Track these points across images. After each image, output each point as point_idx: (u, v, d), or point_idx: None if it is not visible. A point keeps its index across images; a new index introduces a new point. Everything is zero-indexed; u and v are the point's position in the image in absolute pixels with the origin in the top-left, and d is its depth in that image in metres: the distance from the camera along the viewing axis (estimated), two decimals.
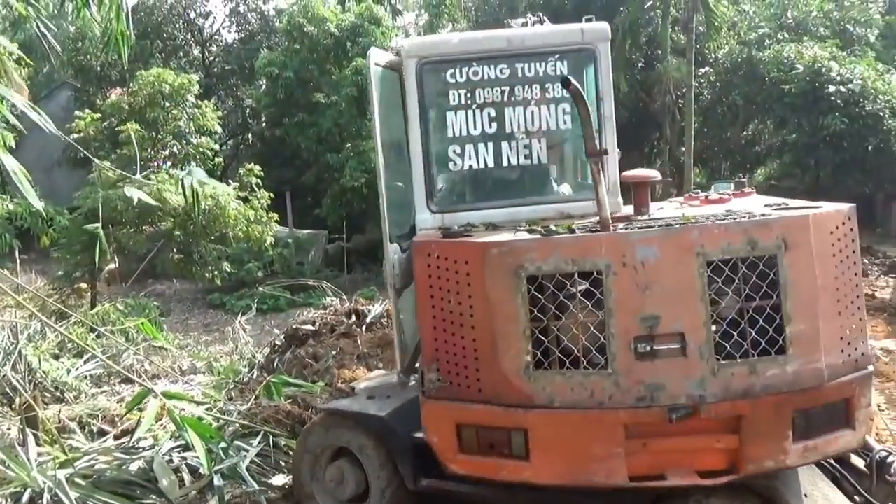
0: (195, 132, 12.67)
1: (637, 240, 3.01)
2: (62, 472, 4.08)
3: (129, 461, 4.41)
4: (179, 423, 4.06)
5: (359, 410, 4.30)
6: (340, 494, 4.27)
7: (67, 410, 5.81)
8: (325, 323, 7.50)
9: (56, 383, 6.63)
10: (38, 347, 7.08)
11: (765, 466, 3.02)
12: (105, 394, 6.67)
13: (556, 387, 3.02)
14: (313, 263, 16.28)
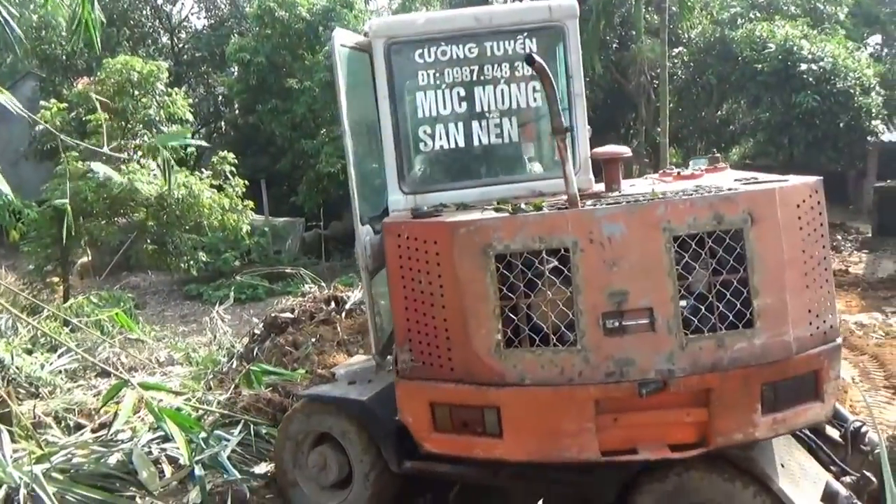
0: (166, 121, 12.44)
1: (603, 216, 3.01)
2: (38, 466, 4.00)
3: (108, 454, 4.35)
4: (158, 414, 4.02)
5: (340, 396, 4.28)
6: (324, 480, 4.26)
7: (42, 406, 5.70)
8: (304, 310, 7.43)
9: (30, 379, 6.49)
10: (9, 343, 6.93)
11: (734, 439, 3.05)
12: (81, 388, 6.55)
13: (526, 364, 3.04)
14: (291, 251, 16.16)
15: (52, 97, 13.71)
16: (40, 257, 10.84)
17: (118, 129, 11.50)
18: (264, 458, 4.63)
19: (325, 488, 4.28)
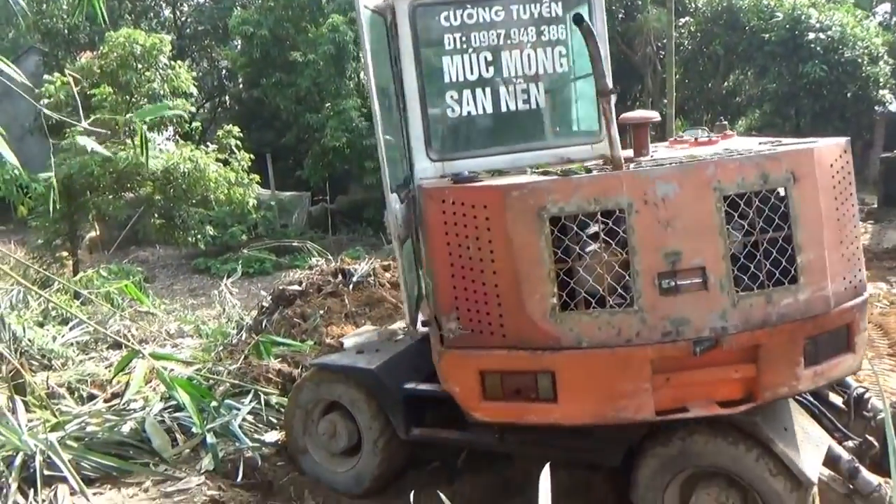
0: (170, 94, 12.39)
1: (657, 177, 3.02)
2: (53, 435, 4.08)
3: (121, 423, 4.42)
4: (169, 383, 4.07)
5: (349, 364, 4.34)
6: (334, 447, 4.34)
7: (56, 377, 5.79)
8: (311, 283, 7.48)
9: (42, 351, 6.59)
10: (21, 316, 7.02)
11: (779, 393, 3.14)
12: (93, 360, 6.64)
13: (583, 327, 3.03)
14: (297, 225, 16.19)
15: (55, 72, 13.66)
16: (49, 232, 10.89)
17: (122, 103, 11.47)
18: (275, 427, 4.71)
19: (334, 455, 4.36)
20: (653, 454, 3.41)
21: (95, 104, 11.14)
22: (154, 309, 7.94)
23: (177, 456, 4.20)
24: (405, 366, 4.36)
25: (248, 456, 4.29)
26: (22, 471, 3.85)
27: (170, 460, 4.15)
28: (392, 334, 4.87)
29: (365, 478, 4.25)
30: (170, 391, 4.03)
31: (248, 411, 4.71)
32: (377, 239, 14.46)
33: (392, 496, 4.24)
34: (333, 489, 4.26)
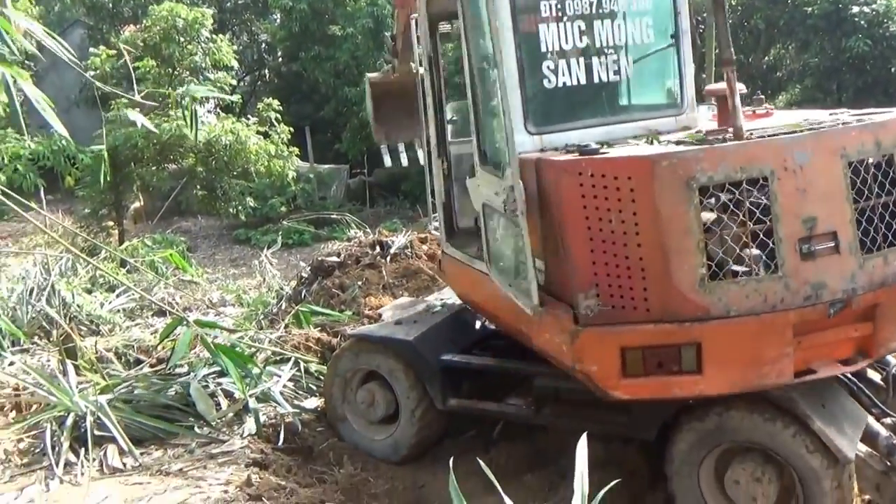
0: (211, 67, 12.52)
1: (794, 145, 3.05)
2: (103, 397, 4.23)
3: (167, 387, 4.55)
4: (213, 349, 4.18)
5: (387, 335, 4.40)
6: (372, 415, 4.42)
7: (103, 342, 5.98)
8: (349, 254, 7.57)
9: (91, 317, 6.81)
10: (70, 283, 7.26)
11: (891, 348, 3.30)
12: (139, 326, 6.84)
13: (731, 296, 3.02)
14: (335, 198, 16.30)
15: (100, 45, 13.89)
16: (95, 202, 11.18)
17: (165, 76, 11.65)
18: (314, 394, 4.81)
19: (372, 423, 4.45)
20: (689, 429, 3.41)
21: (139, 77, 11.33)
22: (197, 278, 8.13)
23: (220, 420, 4.32)
24: (442, 337, 4.41)
25: (289, 421, 4.39)
26: (73, 431, 4.02)
27: (214, 424, 4.27)
28: (429, 306, 4.91)
29: (402, 446, 4.33)
30: (214, 357, 4.13)
31: (289, 378, 4.81)
32: (413, 212, 14.51)
33: (428, 464, 4.32)
34: (371, 456, 4.35)
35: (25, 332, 5.88)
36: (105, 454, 3.88)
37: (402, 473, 4.21)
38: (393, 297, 6.56)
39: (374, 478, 4.07)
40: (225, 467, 3.80)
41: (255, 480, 3.58)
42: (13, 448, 4.02)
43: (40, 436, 4.06)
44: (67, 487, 3.64)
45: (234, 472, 3.73)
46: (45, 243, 10.05)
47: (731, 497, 3.34)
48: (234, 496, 3.45)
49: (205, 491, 3.54)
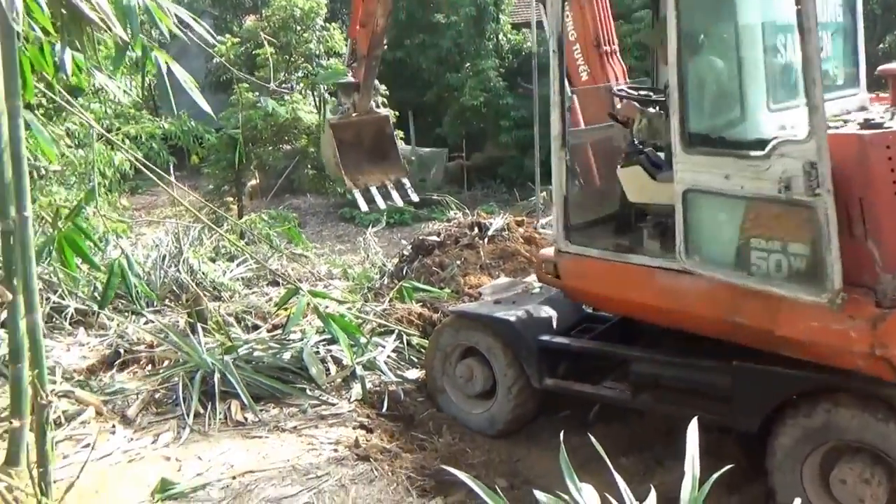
0: (325, 54, 13.01)
1: None
2: (227, 356, 4.62)
3: (282, 351, 4.90)
4: (325, 318, 4.46)
5: (487, 314, 4.55)
6: (469, 390, 4.59)
7: (224, 307, 6.47)
8: (449, 235, 7.77)
9: (214, 283, 7.37)
10: (196, 251, 7.86)
11: None
12: (255, 294, 7.34)
13: None
14: (434, 180, 16.60)
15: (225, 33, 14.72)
16: (218, 179, 11.95)
17: (282, 63, 12.23)
18: (415, 366, 5.04)
19: (470, 397, 4.62)
20: (794, 424, 3.35)
21: (259, 63, 11.95)
22: (307, 252, 8.58)
23: (330, 384, 4.62)
24: (540, 319, 4.51)
25: (392, 390, 4.64)
26: (202, 385, 4.42)
27: (324, 387, 4.57)
28: (529, 287, 5.01)
29: (498, 421, 4.48)
30: (325, 326, 4.40)
31: (392, 349, 5.06)
32: (510, 195, 14.58)
33: (524, 439, 4.45)
34: (468, 428, 4.52)
35: (158, 294, 6.46)
36: (229, 408, 4.25)
37: (498, 446, 4.36)
38: (490, 277, 6.71)
39: (471, 448, 4.24)
40: (334, 428, 4.09)
41: (362, 442, 3.83)
42: (149, 398, 4.47)
43: (173, 388, 4.49)
44: (196, 436, 4.02)
45: (343, 434, 4.01)
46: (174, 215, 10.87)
47: (837, 496, 3.26)
48: (343, 455, 3.71)
49: (317, 448, 3.82)
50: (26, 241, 2.76)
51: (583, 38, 4.90)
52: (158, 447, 3.89)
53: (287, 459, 3.71)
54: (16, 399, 2.94)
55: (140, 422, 4.20)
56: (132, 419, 4.19)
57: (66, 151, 7.76)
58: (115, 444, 3.89)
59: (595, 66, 4.92)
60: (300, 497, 3.36)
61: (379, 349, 4.98)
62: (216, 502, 3.32)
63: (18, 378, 2.90)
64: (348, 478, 3.51)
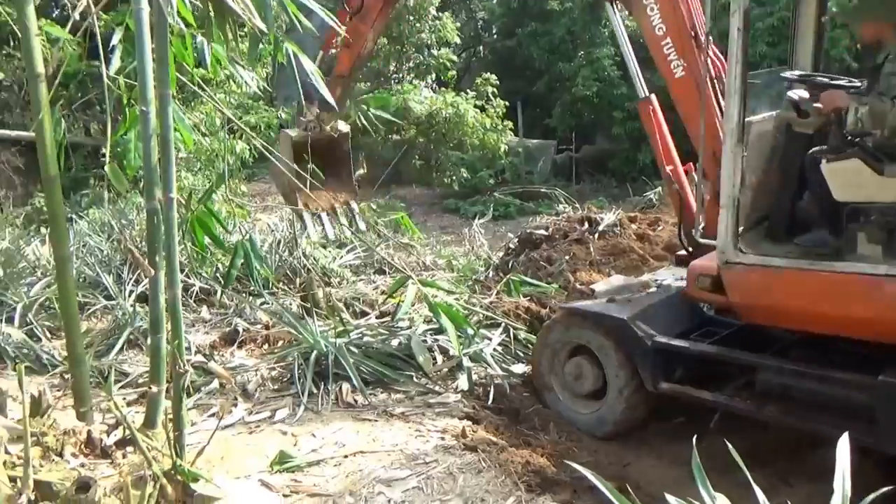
0: (436, 44, 13.12)
1: None
2: (340, 340, 4.76)
3: (391, 338, 5.00)
4: (434, 307, 4.49)
5: (599, 311, 4.43)
6: (578, 388, 4.50)
7: (334, 293, 6.68)
8: (557, 229, 7.66)
9: (324, 269, 7.62)
10: (308, 238, 8.13)
11: None
12: (363, 281, 7.53)
13: None
14: (542, 173, 16.39)
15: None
16: None
17: (395, 52, 12.43)
18: (521, 360, 5.00)
19: (578, 396, 4.53)
20: None
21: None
22: (414, 242, 8.69)
23: (436, 373, 4.66)
24: (657, 319, 4.34)
25: (498, 383, 4.63)
26: (315, 366, 4.57)
27: (430, 376, 4.62)
28: (644, 286, 4.85)
29: (607, 422, 4.37)
30: (434, 315, 4.43)
31: (499, 342, 5.04)
32: (620, 190, 14.16)
33: (634, 443, 4.32)
34: (575, 427, 4.44)
35: (274, 277, 6.74)
36: (340, 390, 4.38)
37: (607, 448, 4.26)
38: (600, 274, 6.55)
39: (578, 448, 4.15)
40: (441, 417, 4.12)
41: (469, 433, 3.84)
42: (267, 375, 4.68)
43: (288, 367, 4.68)
44: (309, 414, 4.17)
45: (449, 423, 4.03)
46: None
47: None
48: (450, 444, 3.73)
49: (424, 435, 3.87)
50: (170, 221, 2.93)
51: (675, 30, 4.44)
52: (276, 422, 4.06)
53: (395, 444, 3.77)
54: (155, 367, 3.15)
55: (259, 397, 4.40)
56: (252, 394, 4.39)
57: (195, 138, 8.23)
58: (236, 416, 4.09)
59: (692, 58, 4.44)
60: (409, 481, 3.40)
61: (485, 341, 4.98)
62: (329, 478, 3.42)
63: (157, 347, 3.10)
64: (456, 466, 3.53)
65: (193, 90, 4.26)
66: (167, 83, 2.90)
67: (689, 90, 4.44)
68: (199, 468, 2.93)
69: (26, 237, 7.97)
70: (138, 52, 2.92)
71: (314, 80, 3.62)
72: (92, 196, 9.97)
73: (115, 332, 5.31)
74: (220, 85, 9.53)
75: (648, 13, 4.49)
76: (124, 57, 3.46)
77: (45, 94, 3.03)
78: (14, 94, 10.90)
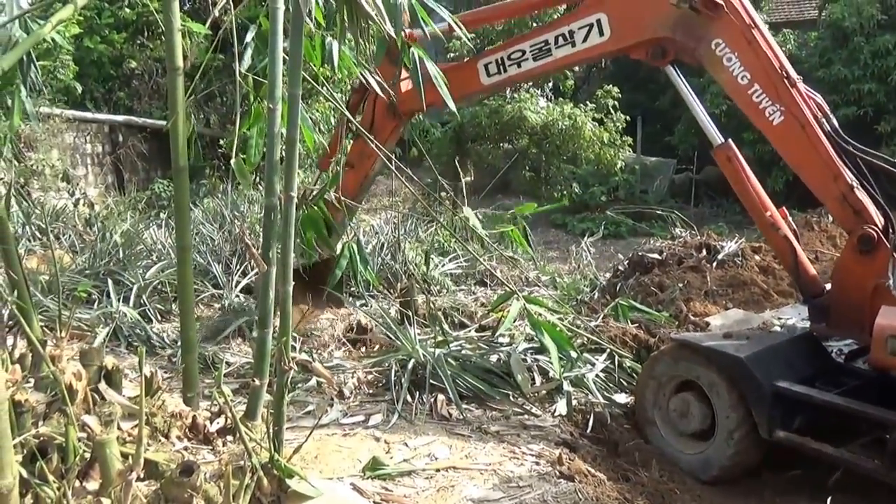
0: None
1: None
2: (438, 350, 4.70)
3: (490, 353, 4.89)
4: (538, 326, 4.36)
5: (714, 347, 4.16)
6: (684, 426, 4.24)
7: (433, 301, 6.64)
8: (672, 253, 7.31)
9: (425, 276, 7.62)
10: (412, 243, 8.19)
11: None
12: (463, 292, 7.47)
13: None
14: (658, 192, 15.78)
15: None
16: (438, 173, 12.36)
17: None
18: (624, 390, 4.76)
19: (682, 435, 4.27)
20: None
21: None
22: (519, 256, 8.55)
23: (534, 394, 4.52)
24: (779, 361, 4.04)
25: (598, 411, 4.42)
26: (412, 374, 4.54)
27: (528, 396, 4.48)
28: (766, 323, 4.51)
29: (713, 466, 4.09)
30: (537, 334, 4.30)
31: (602, 368, 4.83)
32: (743, 217, 13.38)
33: (741, 492, 4.04)
34: (678, 466, 4.18)
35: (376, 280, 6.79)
36: (435, 401, 4.31)
37: (711, 494, 3.99)
38: (716, 305, 6.18)
39: (680, 490, 3.91)
40: (536, 440, 3.97)
41: (566, 460, 3.67)
42: (364, 378, 4.69)
43: (385, 373, 4.67)
44: (403, 422, 4.13)
45: (545, 448, 3.88)
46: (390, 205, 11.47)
47: None
48: (545, 470, 3.58)
49: (518, 458, 3.74)
50: (289, 218, 2.97)
51: (763, 75, 4.06)
52: (370, 427, 4.05)
53: (489, 463, 3.66)
54: (259, 360, 3.21)
55: (354, 400, 4.41)
56: (347, 396, 4.41)
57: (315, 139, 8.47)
58: (331, 417, 4.12)
59: (790, 100, 4.03)
60: (502, 503, 3.28)
61: (588, 366, 4.78)
62: (420, 490, 3.36)
63: (263, 341, 3.15)
64: (551, 494, 3.37)
65: (312, 87, 4.32)
66: (298, 83, 2.95)
67: (794, 134, 4.07)
68: (294, 464, 2.95)
69: (146, 221, 8.47)
70: (270, 50, 2.98)
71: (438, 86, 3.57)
72: (209, 185, 10.50)
73: (222, 321, 5.51)
74: (338, 84, 9.78)
75: (726, 64, 4.15)
76: (255, 56, 3.56)
77: (181, 88, 3.15)
78: (144, 82, 11.65)
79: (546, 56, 4.70)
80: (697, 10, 4.13)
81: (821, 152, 4.00)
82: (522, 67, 4.79)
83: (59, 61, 9.69)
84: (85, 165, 11.21)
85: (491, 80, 4.93)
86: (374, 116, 5.22)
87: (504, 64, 4.82)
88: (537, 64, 4.75)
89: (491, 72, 4.88)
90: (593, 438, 4.24)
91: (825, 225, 8.26)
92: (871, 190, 4.02)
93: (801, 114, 4.05)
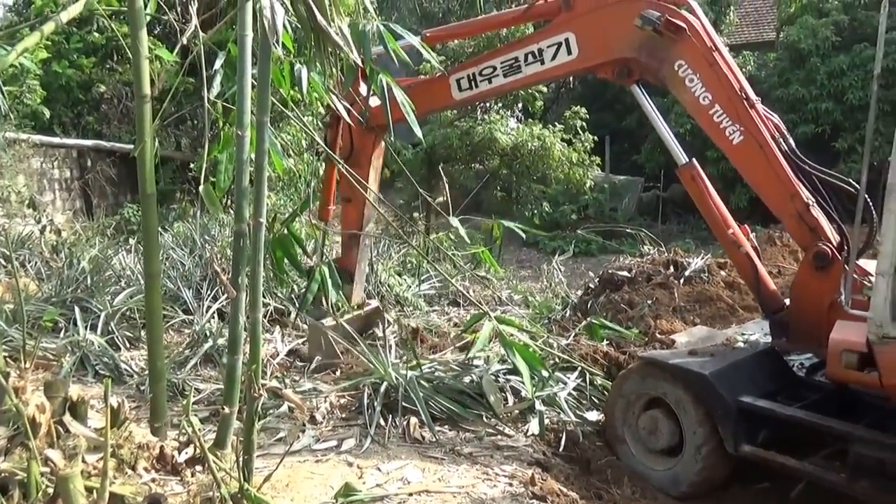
0: None
1: None
2: (411, 372, 4.70)
3: (463, 374, 4.91)
4: (509, 347, 4.39)
5: (679, 364, 4.24)
6: (652, 443, 4.30)
7: (405, 321, 6.64)
8: (641, 271, 7.43)
9: (398, 297, 7.63)
10: (385, 265, 8.20)
11: None
12: (436, 312, 7.49)
13: None
14: (627, 210, 16.05)
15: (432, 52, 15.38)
16: (409, 194, 12.45)
17: None
18: (596, 407, 4.81)
19: (652, 451, 4.33)
20: None
21: None
22: (491, 276, 8.61)
23: (507, 414, 4.54)
24: (742, 377, 4.13)
25: (571, 430, 4.46)
26: (385, 398, 4.53)
27: (501, 417, 4.50)
28: (729, 340, 4.61)
29: (682, 482, 4.16)
30: (509, 355, 4.33)
31: (574, 387, 4.87)
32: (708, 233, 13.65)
33: None
34: (649, 483, 4.23)
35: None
36: (408, 424, 4.31)
37: None
38: (684, 321, 6.29)
39: None
40: (510, 461, 3.99)
41: (538, 481, 3.70)
42: (336, 402, 4.67)
43: (357, 396, 4.66)
44: (376, 447, 4.11)
45: (518, 468, 3.90)
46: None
47: None
48: (518, 490, 3.60)
49: (492, 479, 3.75)
50: (258, 245, 2.98)
51: (723, 96, 4.20)
52: (342, 452, 4.03)
53: (462, 486, 3.66)
54: (229, 388, 3.19)
55: (327, 424, 4.39)
56: (320, 421, 4.39)
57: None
58: (303, 443, 4.09)
59: (749, 121, 4.17)
60: None
61: (560, 385, 4.82)
62: None
63: (233, 368, 3.14)
64: None
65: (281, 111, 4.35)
66: (266, 110, 2.97)
67: (753, 154, 4.20)
68: (264, 494, 2.93)
69: (115, 246, 8.34)
70: (239, 77, 3.01)
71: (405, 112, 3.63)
72: (179, 209, 10.40)
73: (192, 347, 5.45)
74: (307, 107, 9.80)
75: (688, 85, 4.28)
76: (224, 82, 3.58)
77: (149, 115, 3.16)
78: (113, 107, 11.56)
79: (516, 73, 4.80)
80: (661, 33, 4.25)
81: (778, 171, 4.13)
82: (493, 83, 4.89)
83: (25, 86, 9.58)
84: (53, 191, 11.05)
85: (462, 94, 5.03)
86: (353, 139, 5.30)
87: (475, 80, 4.91)
88: (507, 80, 4.86)
89: (463, 87, 4.98)
90: (566, 457, 4.27)
91: (787, 240, 8.44)
92: (827, 207, 4.15)
93: (759, 134, 4.18)
